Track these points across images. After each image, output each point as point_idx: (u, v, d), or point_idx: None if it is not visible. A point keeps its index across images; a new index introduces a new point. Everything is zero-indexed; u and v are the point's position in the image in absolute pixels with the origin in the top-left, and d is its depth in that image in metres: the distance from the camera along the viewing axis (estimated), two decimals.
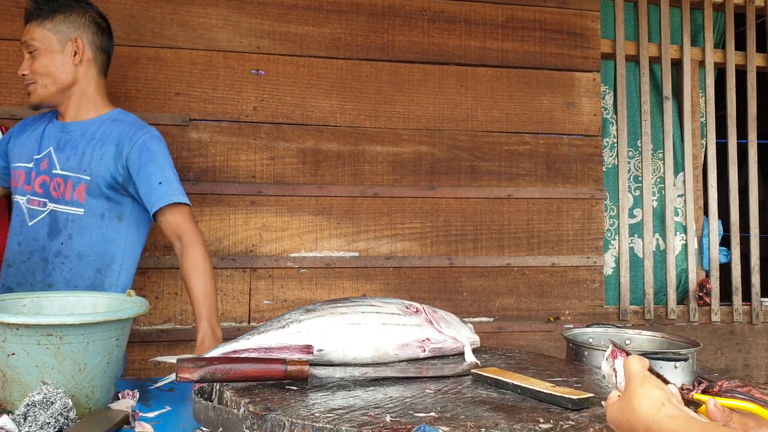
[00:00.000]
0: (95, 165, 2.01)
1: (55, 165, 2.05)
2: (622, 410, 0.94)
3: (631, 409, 0.92)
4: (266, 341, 1.41)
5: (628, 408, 0.93)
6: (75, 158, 2.03)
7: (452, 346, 1.58)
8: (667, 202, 3.29)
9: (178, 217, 1.99)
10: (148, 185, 1.98)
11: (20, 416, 1.30)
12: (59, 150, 2.06)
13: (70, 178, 2.02)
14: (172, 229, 1.99)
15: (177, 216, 1.99)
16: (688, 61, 3.34)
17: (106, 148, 2.02)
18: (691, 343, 1.73)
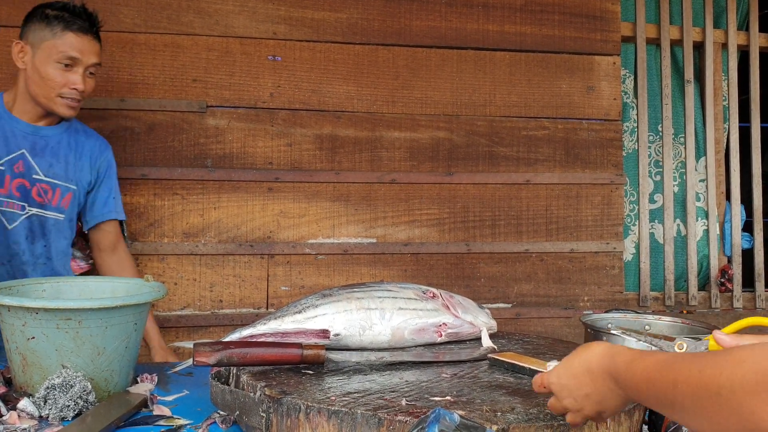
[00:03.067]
0: (79, 175, 2.14)
1: (35, 170, 2.05)
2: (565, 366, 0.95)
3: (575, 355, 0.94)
4: (283, 326, 1.42)
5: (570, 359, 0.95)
6: (59, 166, 2.09)
7: (469, 331, 1.57)
8: (688, 187, 3.24)
9: (117, 231, 2.29)
10: (103, 197, 2.21)
11: (40, 399, 1.31)
12: (37, 155, 2.06)
13: (58, 186, 2.09)
14: (109, 240, 2.25)
15: (116, 230, 2.28)
16: (710, 43, 3.29)
17: (84, 160, 2.15)
18: (712, 328, 1.71)
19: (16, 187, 2.03)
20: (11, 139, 2.03)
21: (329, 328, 1.42)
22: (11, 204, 2.02)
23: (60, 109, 2.02)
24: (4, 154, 2.02)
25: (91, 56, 2.01)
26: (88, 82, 2.02)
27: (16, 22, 2.58)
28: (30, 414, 1.29)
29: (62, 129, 2.14)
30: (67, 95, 2.00)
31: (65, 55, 1.96)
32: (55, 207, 2.09)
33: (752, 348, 0.70)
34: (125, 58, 2.69)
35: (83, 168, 2.15)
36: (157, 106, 2.70)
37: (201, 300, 2.72)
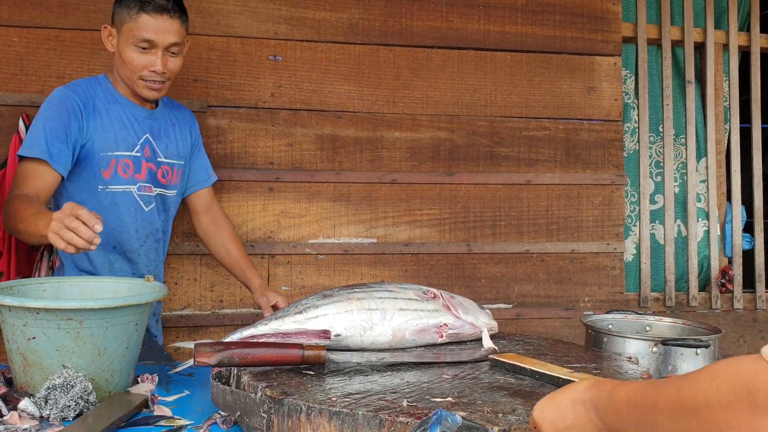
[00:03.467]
0: (184, 150, 2.22)
1: (158, 153, 2.12)
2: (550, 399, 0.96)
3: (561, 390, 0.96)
4: (284, 326, 1.42)
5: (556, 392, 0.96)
6: (173, 146, 2.16)
7: (470, 332, 1.57)
8: (689, 187, 3.24)
9: (210, 193, 2.35)
10: (198, 165, 2.31)
11: (41, 399, 1.31)
12: (156, 137, 2.11)
13: (175, 165, 2.18)
14: (203, 203, 2.32)
15: (209, 192, 2.35)
16: (711, 44, 3.29)
17: (185, 133, 2.23)
18: (713, 329, 1.71)
19: (148, 171, 2.09)
20: (136, 124, 2.07)
21: (330, 328, 1.42)
22: (145, 188, 2.09)
23: (142, 92, 2.00)
24: (136, 140, 2.06)
25: (169, 36, 1.94)
26: (170, 61, 1.98)
27: (16, 21, 2.59)
28: (31, 414, 1.29)
29: (164, 108, 2.18)
30: (148, 77, 1.97)
31: (140, 37, 1.92)
32: (173, 185, 2.19)
33: (726, 362, 0.71)
34: None
35: (185, 141, 2.23)
36: None
37: (202, 300, 2.72)
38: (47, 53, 2.63)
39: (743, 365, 0.68)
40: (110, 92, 2.06)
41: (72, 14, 2.64)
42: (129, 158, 2.04)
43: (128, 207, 2.06)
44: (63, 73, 2.64)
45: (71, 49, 2.65)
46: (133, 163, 2.05)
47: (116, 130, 2.03)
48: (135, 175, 2.06)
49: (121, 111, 2.05)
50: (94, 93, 2.04)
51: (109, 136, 2.01)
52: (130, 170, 2.05)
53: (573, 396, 0.93)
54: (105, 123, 2.01)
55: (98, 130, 2.00)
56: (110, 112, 2.03)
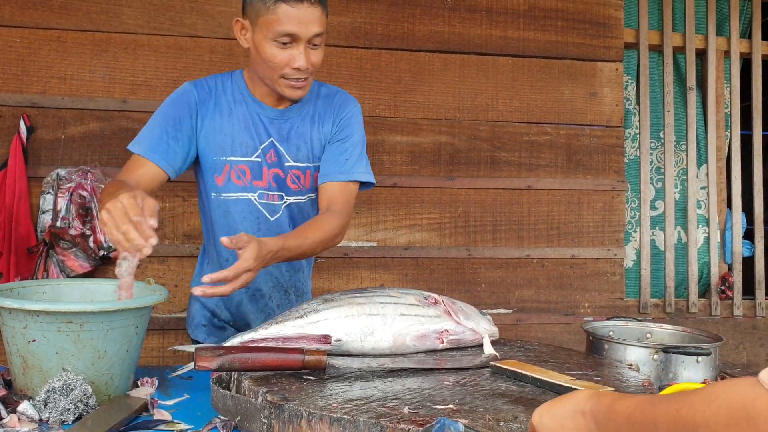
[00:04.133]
0: (317, 149, 1.89)
1: (285, 158, 1.85)
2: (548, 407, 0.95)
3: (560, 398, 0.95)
4: (284, 331, 1.41)
5: (554, 401, 0.95)
6: (306, 147, 1.87)
7: (471, 338, 1.57)
8: (689, 194, 3.24)
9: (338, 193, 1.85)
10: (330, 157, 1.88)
11: (40, 402, 1.31)
12: (284, 141, 1.85)
13: (308, 168, 1.88)
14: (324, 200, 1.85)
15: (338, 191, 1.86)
16: (713, 51, 3.29)
17: (324, 129, 1.89)
18: (714, 337, 1.71)
19: (272, 178, 1.85)
20: (260, 126, 1.84)
21: (331, 333, 1.41)
22: (270, 196, 1.85)
23: (285, 92, 1.76)
24: (258, 144, 1.83)
25: (312, 26, 1.69)
26: (312, 55, 1.72)
27: (18, 22, 2.59)
28: (30, 417, 1.28)
29: (305, 104, 1.88)
30: (290, 76, 1.73)
31: (281, 32, 1.67)
32: (308, 189, 1.90)
33: (723, 384, 0.72)
34: (128, 60, 2.69)
35: (320, 137, 1.89)
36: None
37: None
38: (49, 54, 2.63)
39: (741, 389, 0.69)
40: (240, 90, 1.85)
41: (74, 15, 2.64)
42: (245, 164, 1.83)
43: (246, 216, 1.85)
44: (64, 74, 2.64)
45: (73, 50, 2.65)
46: (250, 170, 1.83)
47: (234, 133, 1.82)
48: (253, 182, 1.84)
49: (245, 112, 1.83)
50: (221, 90, 1.85)
51: (225, 139, 1.82)
52: (247, 177, 1.83)
53: (573, 405, 0.92)
54: (223, 125, 1.82)
55: (214, 131, 1.81)
56: (233, 113, 1.84)
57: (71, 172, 2.55)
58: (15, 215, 2.50)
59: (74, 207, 2.52)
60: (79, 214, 2.52)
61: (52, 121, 2.63)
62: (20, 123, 2.55)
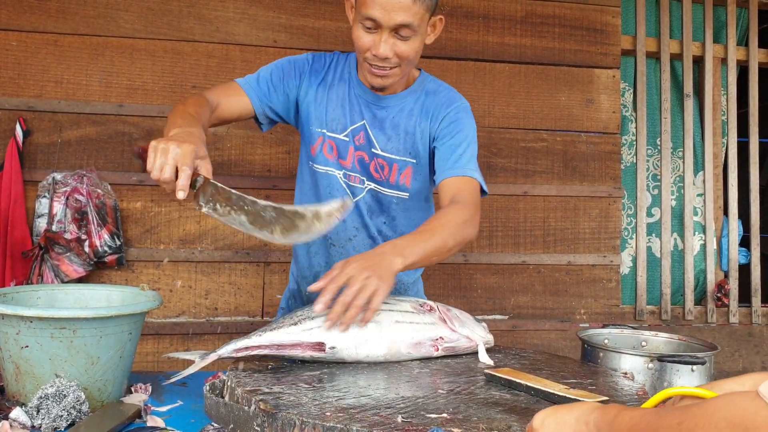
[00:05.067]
0: (419, 146, 1.83)
1: (374, 144, 1.82)
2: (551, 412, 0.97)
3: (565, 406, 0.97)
4: (278, 338, 1.40)
5: (558, 407, 0.97)
6: (398, 139, 1.82)
7: (466, 345, 1.56)
8: (686, 201, 3.25)
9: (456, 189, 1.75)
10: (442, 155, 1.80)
11: (33, 409, 1.30)
12: (376, 127, 1.82)
13: (395, 161, 1.82)
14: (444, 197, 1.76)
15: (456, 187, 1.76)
16: (710, 58, 3.30)
17: (424, 125, 1.82)
18: (709, 346, 1.71)
19: (357, 160, 1.83)
20: (354, 107, 1.82)
21: (325, 340, 1.41)
22: (353, 177, 1.83)
23: (367, 76, 1.74)
24: (349, 123, 1.82)
25: (396, 15, 1.61)
26: (397, 46, 1.66)
27: (15, 26, 2.59)
28: (22, 424, 1.28)
29: (408, 94, 1.83)
30: (372, 61, 1.69)
31: (365, 14, 1.63)
32: (393, 184, 1.84)
33: (724, 399, 0.74)
34: (124, 64, 2.69)
35: (424, 134, 1.83)
36: (156, 112, 2.70)
37: (196, 308, 2.71)
38: (45, 58, 2.63)
39: (741, 403, 0.70)
40: (348, 70, 1.86)
41: (71, 19, 2.64)
42: (334, 140, 1.83)
43: (332, 192, 1.84)
44: (61, 78, 2.64)
45: (70, 54, 2.64)
46: (338, 147, 1.83)
47: (331, 108, 1.82)
48: (339, 160, 1.83)
49: (345, 90, 1.83)
50: (333, 66, 1.87)
51: (321, 111, 1.83)
52: (334, 153, 1.83)
53: (578, 414, 0.94)
54: (323, 97, 1.83)
55: (314, 102, 1.83)
56: (333, 87, 1.84)
57: (67, 176, 2.55)
58: (10, 219, 2.50)
59: (70, 211, 2.51)
60: (74, 218, 2.51)
61: (49, 124, 2.62)
62: (16, 126, 2.55)
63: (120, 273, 2.64)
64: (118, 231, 2.57)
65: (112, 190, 2.60)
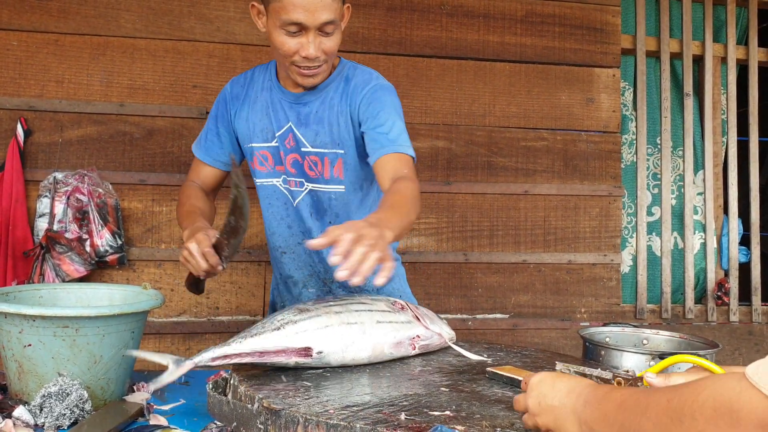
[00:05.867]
0: (344, 135, 1.81)
1: (302, 142, 1.81)
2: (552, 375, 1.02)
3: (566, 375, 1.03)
4: (261, 344, 1.32)
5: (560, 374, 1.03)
6: (324, 132, 1.81)
7: (438, 342, 1.56)
8: (686, 200, 3.25)
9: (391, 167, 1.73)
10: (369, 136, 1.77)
11: (36, 407, 1.30)
12: (302, 125, 1.82)
13: (326, 155, 1.82)
14: (380, 177, 1.73)
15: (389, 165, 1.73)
16: (710, 57, 3.30)
17: (345, 112, 1.81)
18: (710, 344, 1.71)
19: (291, 163, 1.84)
20: (279, 111, 1.83)
21: (311, 345, 1.36)
22: (291, 182, 1.85)
23: (297, 79, 1.75)
24: (276, 129, 1.83)
25: (320, 14, 1.63)
26: (323, 44, 1.68)
27: (16, 25, 2.59)
28: (26, 422, 1.28)
29: (327, 86, 1.82)
30: (301, 64, 1.70)
31: (287, 20, 1.63)
32: (328, 179, 1.84)
33: (712, 379, 0.76)
34: (125, 63, 2.69)
35: (347, 121, 1.81)
36: (157, 111, 2.70)
37: (197, 307, 2.71)
38: (46, 57, 2.63)
39: (727, 383, 0.72)
40: (268, 78, 1.87)
41: (72, 19, 2.64)
42: (266, 149, 1.85)
43: (273, 202, 1.88)
44: (62, 78, 2.64)
45: (70, 54, 2.65)
46: (272, 155, 1.85)
47: (256, 120, 1.85)
48: (276, 167, 1.85)
49: (267, 98, 1.85)
50: (253, 81, 1.89)
51: (249, 126, 1.85)
52: (269, 162, 1.85)
53: (572, 386, 0.97)
54: (249, 113, 1.86)
55: (242, 121, 1.87)
56: (257, 101, 1.86)
57: (68, 176, 2.55)
58: (12, 219, 2.50)
59: (71, 211, 2.51)
60: (75, 217, 2.51)
61: (50, 124, 2.62)
62: (17, 126, 2.55)
63: (121, 272, 2.64)
64: (120, 230, 2.57)
65: (114, 189, 2.60)
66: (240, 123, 1.88)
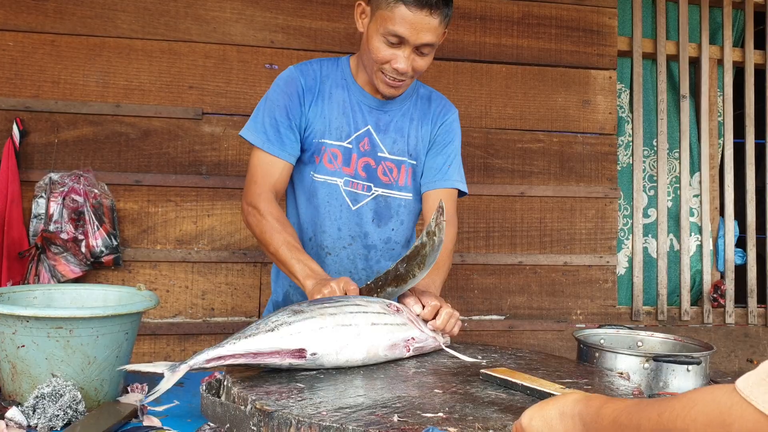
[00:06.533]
0: (419, 149, 1.89)
1: (380, 148, 1.85)
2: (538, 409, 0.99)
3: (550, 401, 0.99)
4: (254, 346, 1.31)
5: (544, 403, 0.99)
6: (402, 142, 1.87)
7: (432, 344, 1.55)
8: (682, 202, 3.25)
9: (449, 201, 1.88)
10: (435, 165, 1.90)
11: (29, 408, 1.30)
12: (381, 131, 1.85)
13: (402, 163, 1.87)
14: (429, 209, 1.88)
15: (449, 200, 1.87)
16: (706, 59, 3.31)
17: (424, 129, 1.90)
18: (705, 346, 1.71)
19: (362, 167, 1.85)
20: (358, 114, 1.84)
21: (305, 347, 1.36)
22: (356, 184, 1.85)
23: (379, 86, 1.77)
24: (353, 131, 1.84)
25: (423, 35, 1.67)
26: (416, 62, 1.72)
27: (12, 25, 2.58)
28: (18, 423, 1.28)
29: (406, 100, 1.88)
30: (389, 73, 1.73)
31: (390, 31, 1.66)
32: (402, 186, 1.89)
33: (703, 392, 0.75)
34: (121, 64, 2.69)
35: (424, 138, 1.90)
36: (153, 112, 2.70)
37: (193, 308, 2.71)
38: (42, 58, 2.63)
39: (719, 396, 0.72)
40: (344, 76, 1.87)
41: (68, 19, 2.64)
42: (338, 148, 1.83)
43: (331, 201, 1.85)
44: (58, 78, 2.64)
45: (67, 54, 2.64)
46: (342, 155, 1.83)
47: (332, 118, 1.83)
48: (343, 168, 1.83)
49: (345, 97, 1.85)
50: (325, 75, 1.87)
51: (324, 122, 1.83)
52: (338, 161, 1.83)
53: (562, 408, 0.94)
54: (324, 109, 1.84)
55: (316, 115, 1.83)
56: (333, 96, 1.85)
57: (64, 177, 2.55)
58: (7, 219, 2.50)
59: (67, 211, 2.51)
60: (71, 218, 2.51)
61: (45, 125, 2.62)
62: (13, 127, 2.55)
63: (116, 273, 2.64)
64: (115, 231, 2.57)
65: (109, 190, 2.60)
66: (315, 117, 1.83)
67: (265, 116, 1.81)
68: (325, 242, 1.87)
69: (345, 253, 1.88)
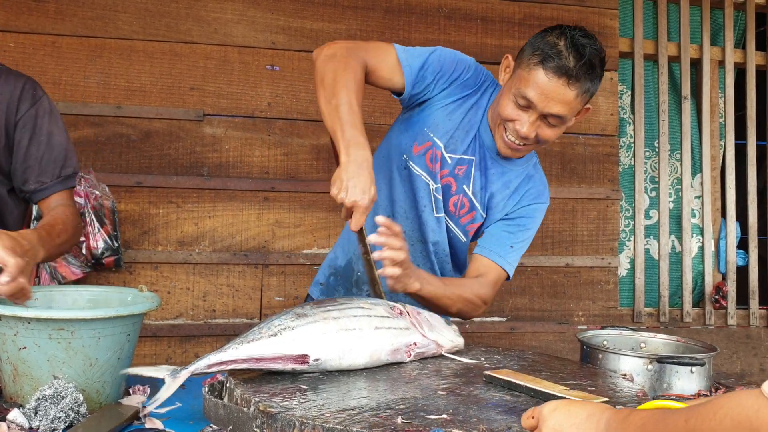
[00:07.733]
0: (495, 212, 1.83)
1: (469, 183, 1.80)
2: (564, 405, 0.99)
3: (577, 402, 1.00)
4: (257, 351, 1.31)
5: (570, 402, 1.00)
6: (486, 196, 1.81)
7: (434, 350, 1.54)
8: (684, 203, 3.25)
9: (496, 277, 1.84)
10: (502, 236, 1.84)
11: (31, 410, 1.29)
12: (480, 171, 1.79)
13: (474, 209, 1.82)
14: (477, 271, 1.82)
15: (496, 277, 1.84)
16: (707, 60, 3.30)
17: (509, 202, 1.83)
18: (708, 347, 1.71)
19: (444, 184, 1.81)
20: (473, 142, 1.77)
21: (308, 352, 1.35)
22: (438, 196, 1.81)
23: (498, 142, 1.72)
24: (461, 151, 1.77)
25: (553, 105, 1.59)
26: (542, 130, 1.64)
27: (12, 27, 2.58)
28: (20, 425, 1.27)
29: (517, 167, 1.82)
30: (509, 132, 1.67)
31: (521, 92, 1.60)
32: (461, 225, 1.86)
33: (729, 397, 0.75)
34: (123, 65, 2.68)
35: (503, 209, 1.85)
36: (154, 113, 2.69)
37: (194, 309, 2.70)
38: (43, 59, 2.62)
39: (745, 401, 0.72)
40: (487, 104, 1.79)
41: (69, 21, 2.64)
42: (439, 150, 1.77)
43: (424, 196, 1.80)
44: (59, 79, 2.63)
45: (67, 56, 2.64)
46: (441, 162, 1.77)
47: (453, 124, 1.76)
48: (440, 173, 1.78)
49: (476, 123, 1.77)
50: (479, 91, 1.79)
51: (444, 118, 1.76)
52: (437, 165, 1.77)
53: (590, 411, 0.96)
54: (455, 110, 1.76)
55: (444, 105, 1.76)
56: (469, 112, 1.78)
57: None
58: None
59: None
60: None
61: None
62: None
63: (118, 275, 2.63)
64: (116, 232, 2.57)
65: (110, 191, 2.59)
66: (441, 104, 1.76)
67: (423, 51, 1.74)
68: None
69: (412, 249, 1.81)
